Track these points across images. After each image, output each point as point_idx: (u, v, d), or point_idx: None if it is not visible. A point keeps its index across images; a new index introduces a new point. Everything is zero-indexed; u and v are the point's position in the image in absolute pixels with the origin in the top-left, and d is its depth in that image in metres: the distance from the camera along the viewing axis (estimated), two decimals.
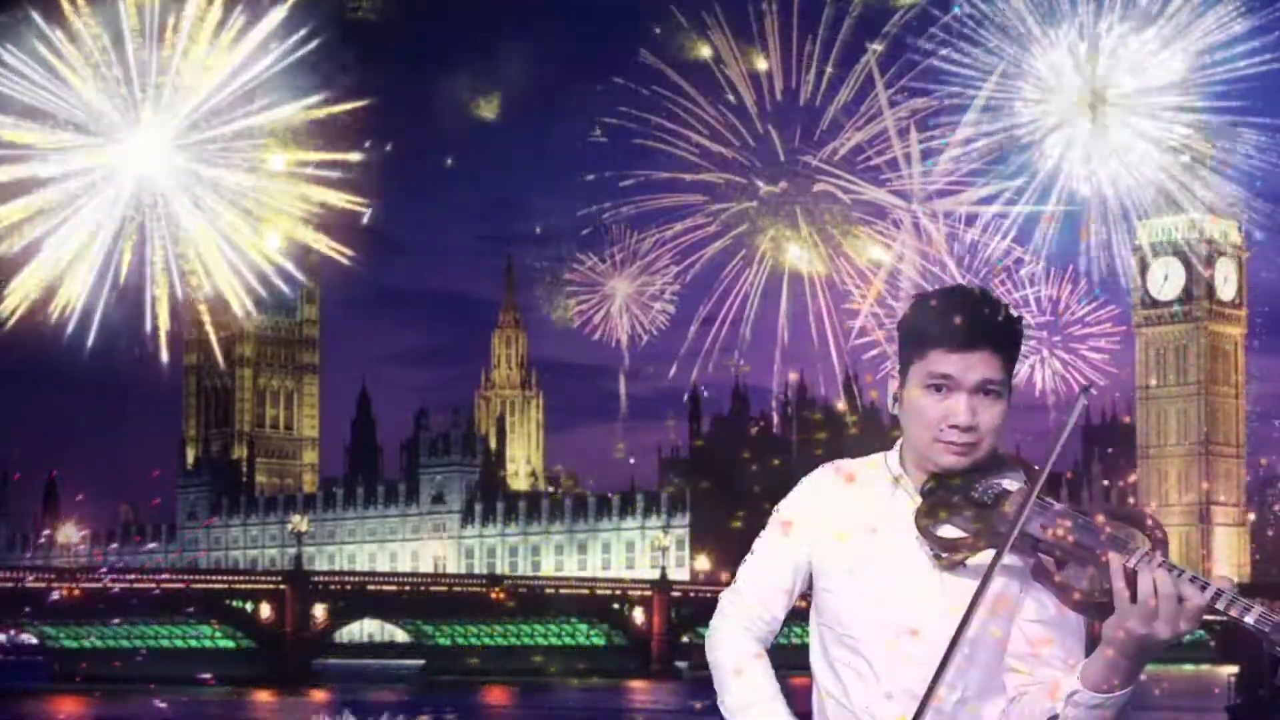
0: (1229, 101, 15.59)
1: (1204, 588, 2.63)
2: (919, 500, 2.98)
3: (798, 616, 3.07)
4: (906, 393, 2.98)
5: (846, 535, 3.01)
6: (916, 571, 2.95)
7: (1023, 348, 3.05)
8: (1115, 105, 15.42)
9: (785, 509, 3.09)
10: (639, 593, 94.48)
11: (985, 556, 2.89)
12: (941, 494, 2.95)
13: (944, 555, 2.91)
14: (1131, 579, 2.68)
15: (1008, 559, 2.85)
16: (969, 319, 2.92)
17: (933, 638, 2.87)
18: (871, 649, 2.94)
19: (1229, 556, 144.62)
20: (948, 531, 2.93)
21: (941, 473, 2.97)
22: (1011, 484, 2.92)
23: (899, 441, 3.06)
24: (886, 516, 2.99)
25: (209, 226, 17.68)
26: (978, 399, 2.92)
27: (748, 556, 3.13)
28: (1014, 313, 2.98)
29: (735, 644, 3.06)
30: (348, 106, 17.20)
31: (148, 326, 18.08)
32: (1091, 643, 2.88)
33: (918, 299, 3.06)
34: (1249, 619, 2.59)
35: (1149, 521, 2.77)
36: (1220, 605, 2.62)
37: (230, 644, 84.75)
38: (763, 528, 3.12)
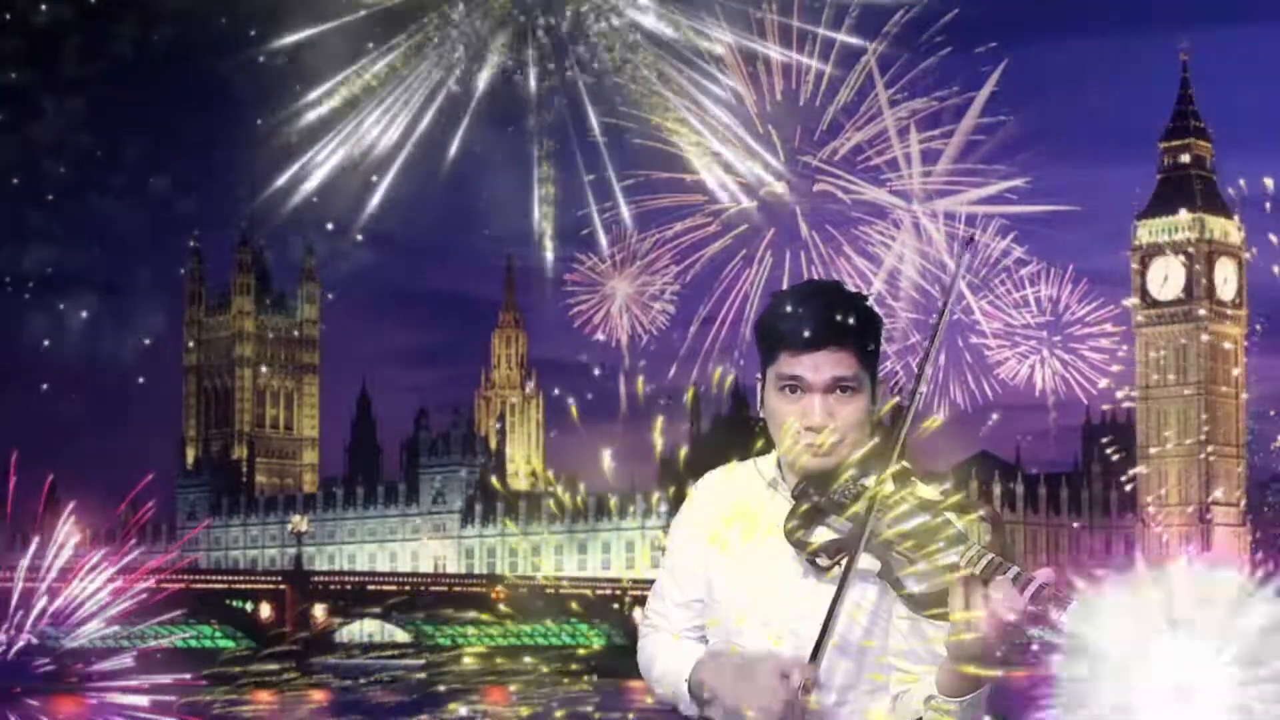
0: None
1: (1026, 585, 2.51)
2: (792, 503, 2.90)
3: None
4: (765, 396, 2.91)
5: (727, 541, 2.97)
6: (791, 575, 2.89)
7: (883, 338, 2.94)
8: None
9: (674, 525, 3.08)
10: (639, 593, 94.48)
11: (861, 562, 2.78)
12: (808, 497, 2.86)
13: (813, 561, 2.82)
14: (965, 585, 2.58)
15: (864, 562, 2.77)
16: (812, 318, 2.83)
17: (811, 641, 2.80)
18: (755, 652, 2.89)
19: (1228, 557, 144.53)
20: (816, 536, 2.84)
21: (809, 475, 2.88)
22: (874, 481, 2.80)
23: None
24: (763, 521, 2.93)
25: None
26: (833, 398, 2.84)
27: (655, 583, 3.12)
28: (867, 304, 2.88)
29: (658, 644, 3.06)
30: None
31: None
32: None
33: (771, 298, 2.96)
34: (1065, 618, 2.45)
35: (984, 512, 2.67)
36: (1038, 606, 2.49)
37: (230, 644, 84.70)
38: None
